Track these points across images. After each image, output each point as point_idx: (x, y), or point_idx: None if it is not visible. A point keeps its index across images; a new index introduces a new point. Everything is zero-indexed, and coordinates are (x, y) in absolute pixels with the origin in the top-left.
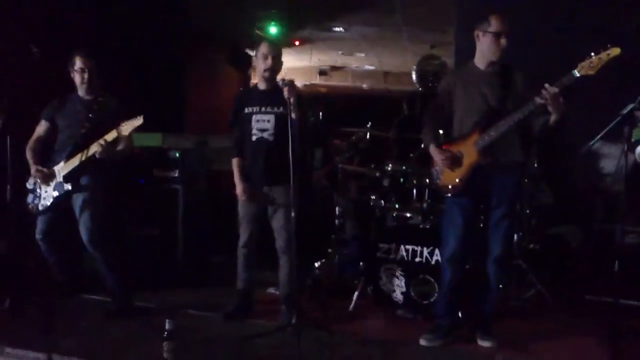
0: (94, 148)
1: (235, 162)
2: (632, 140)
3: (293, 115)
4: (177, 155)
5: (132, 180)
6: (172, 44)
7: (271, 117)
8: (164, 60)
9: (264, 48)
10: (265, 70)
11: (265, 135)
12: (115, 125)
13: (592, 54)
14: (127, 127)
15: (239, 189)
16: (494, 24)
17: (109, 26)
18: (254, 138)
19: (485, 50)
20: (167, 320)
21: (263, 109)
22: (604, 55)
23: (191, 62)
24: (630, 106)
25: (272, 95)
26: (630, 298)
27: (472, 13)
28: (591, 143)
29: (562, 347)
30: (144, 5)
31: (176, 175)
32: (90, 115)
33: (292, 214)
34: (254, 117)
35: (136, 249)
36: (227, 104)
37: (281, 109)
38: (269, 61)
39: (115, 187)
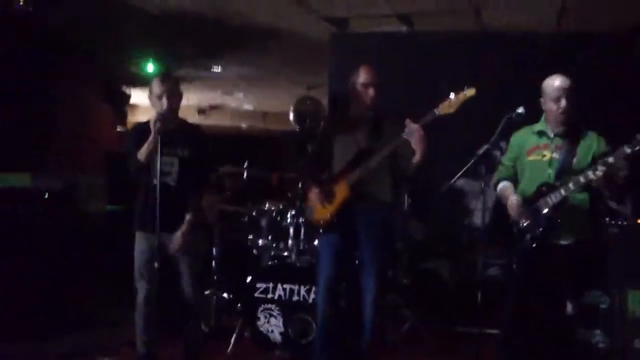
0: None
1: None
2: (492, 182)
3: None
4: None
5: None
6: (43, 79)
7: (174, 160)
8: (33, 96)
9: (154, 87)
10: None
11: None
12: None
13: (452, 94)
14: None
15: None
16: (362, 75)
17: None
18: (154, 181)
19: (356, 98)
20: None
21: (165, 149)
22: (461, 96)
23: (63, 98)
24: (485, 147)
25: (174, 135)
26: (494, 327)
27: (345, 56)
28: (451, 181)
29: None
30: (12, 40)
31: None
32: None
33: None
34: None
35: None
36: (101, 142)
37: (185, 152)
38: (164, 101)
39: None
